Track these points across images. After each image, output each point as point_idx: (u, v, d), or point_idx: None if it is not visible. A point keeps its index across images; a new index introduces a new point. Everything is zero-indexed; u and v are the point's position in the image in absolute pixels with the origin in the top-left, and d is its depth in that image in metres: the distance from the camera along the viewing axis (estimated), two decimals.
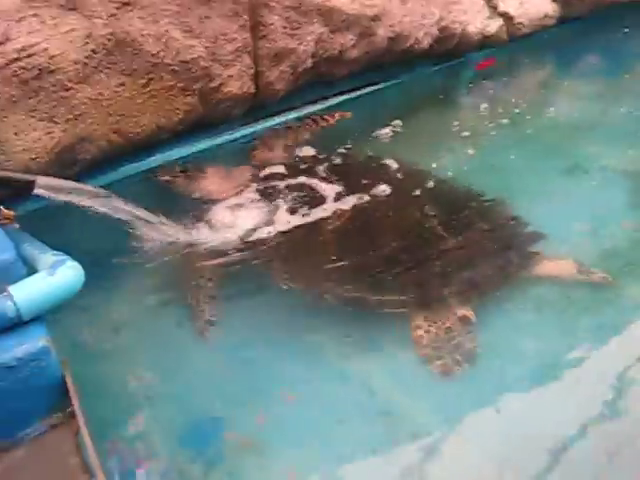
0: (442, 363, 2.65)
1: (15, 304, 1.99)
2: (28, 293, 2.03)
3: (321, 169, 3.73)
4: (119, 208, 2.86)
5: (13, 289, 2.02)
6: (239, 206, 3.41)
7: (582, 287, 3.03)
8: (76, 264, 2.18)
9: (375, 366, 2.69)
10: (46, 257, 2.25)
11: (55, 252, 2.30)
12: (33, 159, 3.07)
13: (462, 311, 2.84)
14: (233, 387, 2.64)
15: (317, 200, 3.42)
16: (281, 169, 3.74)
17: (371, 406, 2.52)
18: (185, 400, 2.56)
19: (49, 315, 2.13)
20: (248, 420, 2.47)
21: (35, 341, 2.01)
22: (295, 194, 3.47)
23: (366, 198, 3.43)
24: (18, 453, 1.99)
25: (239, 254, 3.10)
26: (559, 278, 3.09)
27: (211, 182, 3.57)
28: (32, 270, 2.20)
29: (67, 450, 1.97)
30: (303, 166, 3.80)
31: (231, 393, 2.61)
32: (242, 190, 3.54)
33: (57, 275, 2.09)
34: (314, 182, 3.58)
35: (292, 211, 3.34)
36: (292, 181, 3.60)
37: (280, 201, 3.42)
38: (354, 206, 3.37)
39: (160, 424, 2.44)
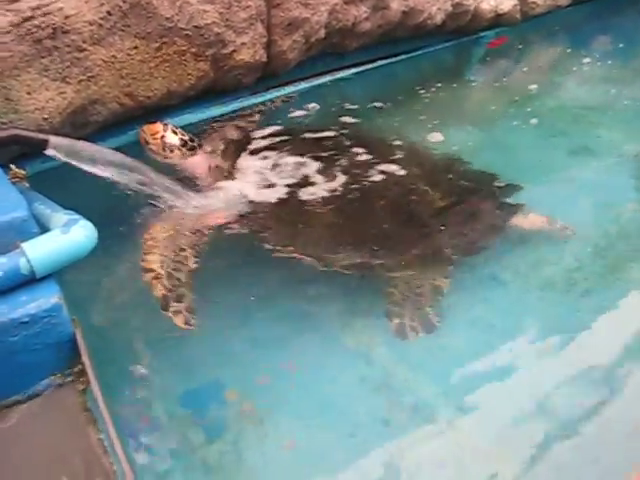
0: (399, 323, 2.72)
1: (29, 261, 2.00)
2: (42, 250, 2.04)
3: (320, 140, 3.73)
4: (131, 171, 2.86)
5: (27, 246, 2.03)
6: (239, 174, 3.42)
7: (583, 269, 3.05)
8: (89, 224, 2.19)
9: (377, 336, 2.72)
10: (59, 216, 2.26)
11: (67, 211, 2.31)
12: (45, 119, 3.07)
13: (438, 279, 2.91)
14: (235, 354, 2.66)
15: (314, 171, 3.42)
16: (278, 139, 3.73)
17: (372, 377, 2.55)
18: (187, 366, 2.59)
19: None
20: (249, 387, 2.50)
21: (48, 298, 2.03)
22: (291, 166, 3.46)
23: (365, 170, 3.43)
24: (28, 408, 2.02)
25: (240, 221, 3.11)
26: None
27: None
28: (44, 229, 2.21)
29: (76, 406, 2.01)
30: (301, 137, 3.80)
31: (232, 360, 2.63)
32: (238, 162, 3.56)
33: (71, 233, 2.10)
34: (314, 153, 3.57)
35: (288, 182, 3.35)
36: (289, 154, 3.58)
37: (277, 172, 3.43)
38: (352, 176, 3.38)
39: (162, 389, 2.47)
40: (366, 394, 2.49)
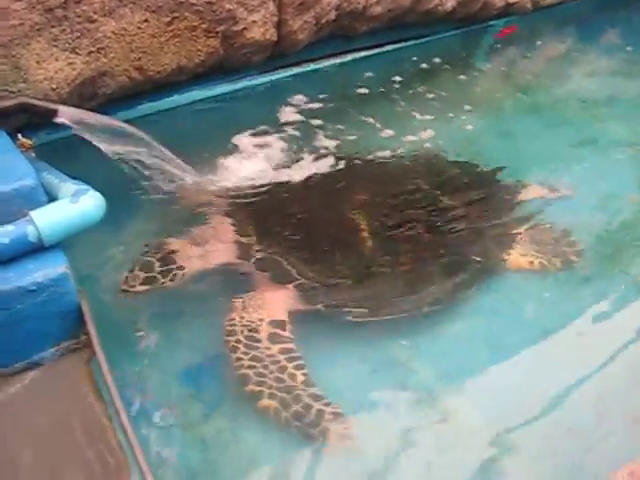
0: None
1: (37, 229, 2.01)
2: (50, 219, 2.04)
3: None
4: (139, 144, 2.85)
5: (35, 214, 2.03)
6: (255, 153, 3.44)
7: (584, 257, 3.05)
8: (98, 194, 2.19)
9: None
10: (67, 185, 2.26)
11: (76, 181, 2.30)
12: (53, 89, 3.04)
13: None
14: None
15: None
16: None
17: (374, 359, 2.55)
18: (187, 342, 2.59)
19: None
20: None
21: (55, 267, 2.04)
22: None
23: (369, 162, 3.47)
24: (33, 376, 2.03)
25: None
26: None
27: None
28: (52, 198, 2.21)
29: (81, 375, 2.02)
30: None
31: None
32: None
33: (80, 203, 2.10)
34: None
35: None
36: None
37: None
38: (351, 168, 3.43)
39: (165, 364, 2.46)
40: (364, 374, 2.49)
